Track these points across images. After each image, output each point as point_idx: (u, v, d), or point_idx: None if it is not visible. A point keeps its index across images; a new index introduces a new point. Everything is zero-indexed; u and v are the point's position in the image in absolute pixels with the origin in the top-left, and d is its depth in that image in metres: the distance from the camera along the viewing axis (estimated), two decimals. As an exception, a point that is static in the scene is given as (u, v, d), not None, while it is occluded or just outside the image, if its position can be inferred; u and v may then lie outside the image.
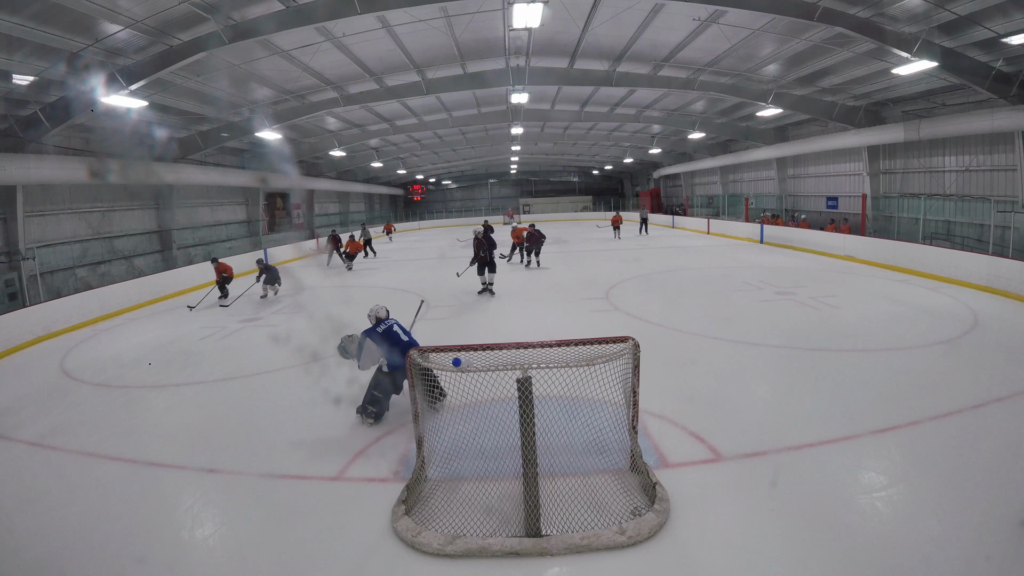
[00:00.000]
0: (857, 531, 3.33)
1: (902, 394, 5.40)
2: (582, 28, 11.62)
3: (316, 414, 5.36)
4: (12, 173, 10.87)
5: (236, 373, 7.04)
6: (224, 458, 4.72)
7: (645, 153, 29.98)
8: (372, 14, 9.53)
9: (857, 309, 9.16)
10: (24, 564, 3.45)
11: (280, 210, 25.83)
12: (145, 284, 13.34)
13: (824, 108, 16.10)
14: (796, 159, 21.42)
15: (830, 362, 6.54)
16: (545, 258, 15.56)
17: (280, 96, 14.71)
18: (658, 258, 16.95)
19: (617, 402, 4.07)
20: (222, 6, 9.00)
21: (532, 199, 44.80)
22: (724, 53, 13.04)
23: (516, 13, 8.60)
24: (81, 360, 8.28)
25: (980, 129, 12.31)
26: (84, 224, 14.09)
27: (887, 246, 13.66)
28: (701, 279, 12.81)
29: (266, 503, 4.04)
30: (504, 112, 20.05)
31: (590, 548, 3.31)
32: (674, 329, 8.27)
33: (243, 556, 3.46)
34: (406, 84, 14.90)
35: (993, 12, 9.25)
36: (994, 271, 10.11)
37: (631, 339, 3.78)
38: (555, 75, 14.63)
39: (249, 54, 11.08)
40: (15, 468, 4.83)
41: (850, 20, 9.86)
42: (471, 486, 3.98)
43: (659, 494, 3.70)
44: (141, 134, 13.65)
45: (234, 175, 19.91)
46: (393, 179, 38.48)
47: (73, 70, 9.65)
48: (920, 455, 4.26)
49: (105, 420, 5.84)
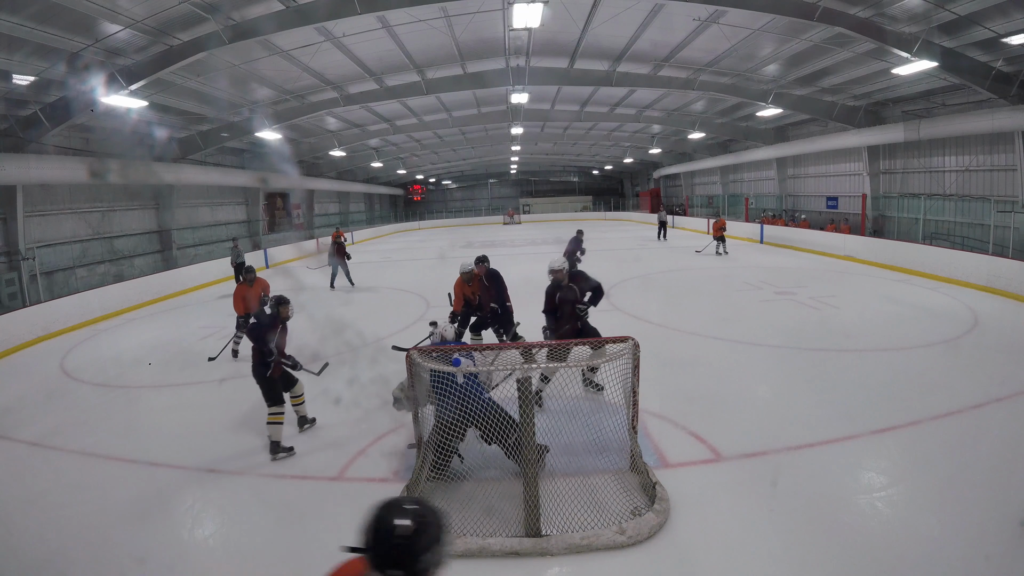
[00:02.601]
0: (857, 531, 3.33)
1: (902, 394, 5.40)
2: (582, 28, 11.61)
3: (316, 414, 5.36)
4: (12, 173, 10.87)
5: (236, 373, 7.04)
6: (224, 458, 4.72)
7: (645, 153, 29.97)
8: (372, 14, 9.53)
9: (857, 309, 9.16)
10: (24, 564, 3.45)
11: (280, 210, 25.83)
12: (145, 284, 13.34)
13: (824, 108, 16.09)
14: (796, 159, 21.41)
15: (830, 362, 6.54)
16: (544, 258, 15.48)
17: (280, 96, 14.71)
18: (658, 258, 16.96)
19: (617, 402, 4.07)
20: (222, 6, 8.99)
21: (532, 199, 44.82)
22: (724, 53, 13.04)
23: (516, 13, 8.60)
24: (81, 360, 8.28)
25: (980, 129, 12.31)
26: (84, 224, 14.09)
27: (887, 246, 13.66)
28: (701, 279, 12.81)
29: (266, 503, 4.04)
30: (504, 112, 20.04)
31: (590, 548, 3.31)
32: (674, 329, 8.27)
33: (243, 556, 3.46)
34: (406, 84, 14.90)
35: (993, 12, 9.24)
36: (994, 271, 10.11)
37: (631, 339, 3.78)
38: (555, 75, 14.62)
39: (249, 54, 11.08)
40: (15, 468, 4.83)
41: (850, 20, 9.85)
42: (471, 486, 3.98)
43: (659, 494, 3.70)
44: (141, 134, 13.65)
45: (234, 175, 19.91)
46: (393, 179, 38.49)
47: (73, 70, 9.65)
48: (920, 455, 4.26)
49: (105, 420, 5.85)
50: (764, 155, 22.02)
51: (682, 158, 30.20)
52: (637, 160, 33.62)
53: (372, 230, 33.13)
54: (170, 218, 17.05)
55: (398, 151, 27.24)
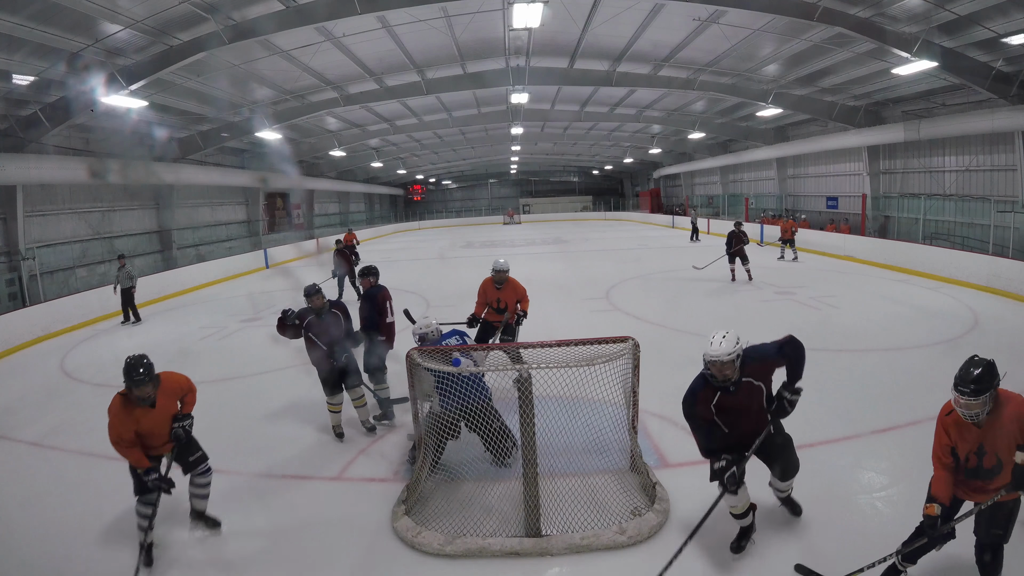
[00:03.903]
0: (857, 531, 3.33)
1: (902, 394, 5.40)
2: (582, 28, 11.62)
3: (316, 414, 5.35)
4: (12, 173, 10.87)
5: (236, 373, 7.04)
6: (224, 458, 4.70)
7: (645, 153, 29.98)
8: (372, 14, 9.53)
9: (857, 309, 9.16)
10: (24, 564, 3.45)
11: (280, 210, 25.83)
12: (145, 284, 13.32)
13: (824, 108, 16.09)
14: (796, 159, 21.41)
15: (830, 362, 6.53)
16: (544, 258, 15.54)
17: (280, 96, 14.71)
18: (658, 258, 16.95)
19: (617, 402, 4.06)
20: (222, 6, 8.99)
21: (532, 199, 44.83)
22: (724, 53, 13.04)
23: (516, 13, 8.60)
24: (81, 360, 8.29)
25: (980, 129, 12.31)
26: (84, 224, 14.09)
27: (887, 246, 13.66)
28: (701, 279, 12.80)
29: (266, 503, 4.04)
30: (504, 112, 20.05)
31: (590, 548, 3.31)
32: (674, 329, 8.26)
33: (243, 556, 3.46)
34: (406, 84, 14.90)
35: (993, 12, 9.24)
36: (994, 271, 10.11)
37: (631, 339, 3.78)
38: (555, 75, 14.63)
39: (249, 54, 11.08)
40: (15, 468, 4.83)
41: (850, 20, 9.85)
42: (471, 486, 3.98)
43: (659, 494, 3.70)
44: (141, 134, 13.65)
45: (234, 175, 19.91)
46: (393, 179, 38.48)
47: (73, 70, 9.64)
48: (920, 455, 4.21)
49: (105, 420, 5.82)
50: (764, 155, 22.02)
51: (682, 158, 30.20)
52: (637, 160, 33.62)
53: (372, 230, 33.14)
54: (170, 218, 17.05)
55: (398, 151, 27.24)
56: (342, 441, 4.96)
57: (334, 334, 4.79)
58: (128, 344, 9.16)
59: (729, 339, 2.98)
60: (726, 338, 2.98)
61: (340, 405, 4.94)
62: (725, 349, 2.95)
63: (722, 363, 2.95)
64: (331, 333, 4.79)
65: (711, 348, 2.97)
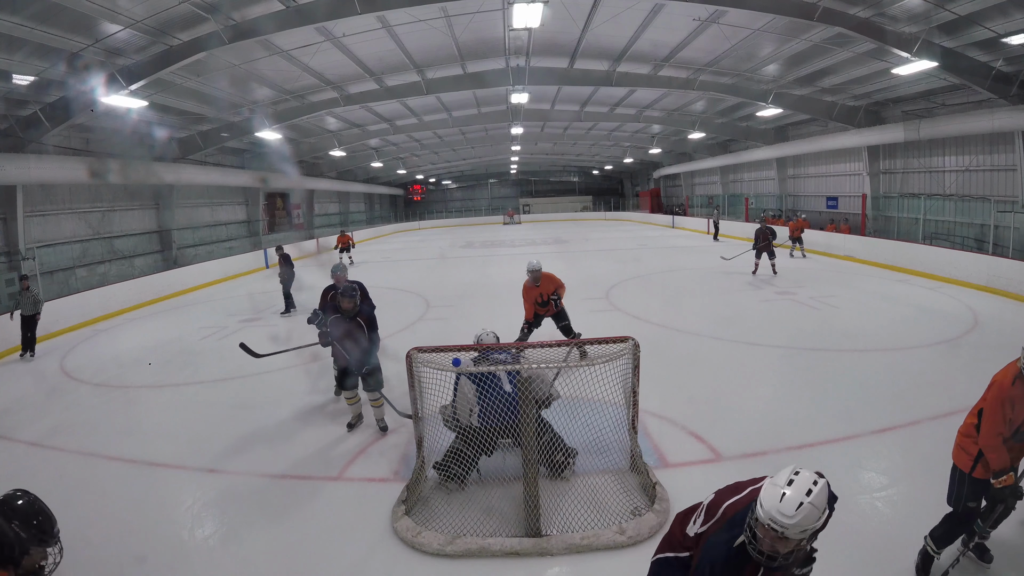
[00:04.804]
0: (857, 531, 3.33)
1: (902, 394, 5.40)
2: (582, 28, 11.62)
3: (316, 414, 5.36)
4: (12, 173, 10.87)
5: (236, 373, 7.03)
6: (224, 458, 4.72)
7: (645, 153, 29.98)
8: (372, 14, 9.53)
9: (857, 309, 9.16)
10: (24, 564, 3.44)
11: (280, 210, 25.83)
12: (145, 284, 13.35)
13: (824, 108, 16.09)
14: (796, 159, 21.41)
15: (830, 362, 6.54)
16: (544, 258, 15.52)
17: (280, 96, 14.71)
18: (658, 258, 16.96)
19: (617, 402, 4.07)
20: (222, 6, 8.99)
21: (532, 199, 44.85)
22: (724, 53, 13.03)
23: (516, 13, 8.59)
24: (81, 360, 8.28)
25: (980, 129, 12.30)
26: (84, 224, 14.09)
27: (887, 246, 13.66)
28: (701, 279, 12.81)
29: (266, 503, 4.04)
30: (504, 112, 20.05)
31: (590, 548, 3.31)
32: (674, 329, 8.26)
33: (243, 556, 3.46)
34: (406, 84, 14.90)
35: (993, 12, 9.23)
36: (994, 271, 10.11)
37: (631, 339, 3.78)
38: (555, 75, 14.62)
39: (249, 54, 11.07)
40: (15, 468, 4.83)
41: (850, 20, 9.85)
42: (471, 486, 3.99)
43: (659, 494, 3.70)
44: (141, 134, 13.65)
45: (234, 175, 19.91)
46: (393, 179, 38.49)
47: (73, 70, 9.64)
48: (920, 455, 4.25)
49: (105, 420, 5.84)
50: (764, 155, 22.02)
51: (682, 158, 30.20)
52: (637, 160, 33.63)
53: (372, 230, 33.16)
54: (170, 218, 17.05)
55: (398, 151, 27.24)
56: (351, 432, 5.01)
57: (354, 354, 4.80)
58: (128, 344, 9.16)
59: (817, 497, 1.66)
60: (812, 495, 1.66)
61: (357, 396, 5.05)
62: (802, 517, 1.64)
63: (786, 537, 1.67)
64: (352, 351, 4.79)
65: (778, 505, 1.67)
